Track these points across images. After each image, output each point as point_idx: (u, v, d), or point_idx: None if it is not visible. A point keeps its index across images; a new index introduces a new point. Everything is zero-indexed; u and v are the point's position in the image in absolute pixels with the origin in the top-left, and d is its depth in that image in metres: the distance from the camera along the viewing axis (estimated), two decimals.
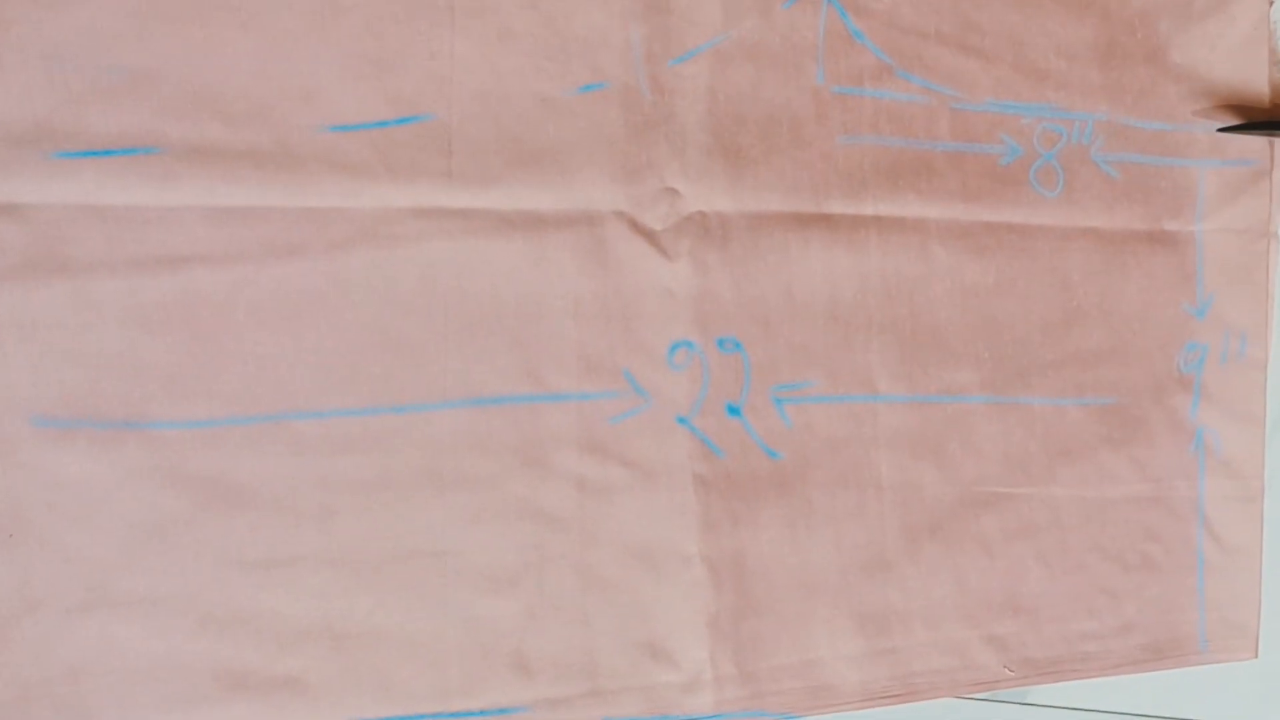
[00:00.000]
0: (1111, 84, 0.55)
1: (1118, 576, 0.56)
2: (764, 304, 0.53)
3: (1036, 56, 0.54)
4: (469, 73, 0.50)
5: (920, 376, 0.54)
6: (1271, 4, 0.57)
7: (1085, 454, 0.56)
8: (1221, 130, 0.55)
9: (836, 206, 0.54)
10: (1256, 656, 0.58)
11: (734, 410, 0.52)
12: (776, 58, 0.53)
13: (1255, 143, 0.56)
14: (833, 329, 0.54)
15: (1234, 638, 0.58)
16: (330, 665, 0.48)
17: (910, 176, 0.53)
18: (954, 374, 0.55)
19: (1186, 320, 0.57)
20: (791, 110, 0.53)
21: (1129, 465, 0.57)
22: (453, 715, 0.50)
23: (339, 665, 0.48)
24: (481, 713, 0.50)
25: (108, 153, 0.46)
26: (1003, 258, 0.55)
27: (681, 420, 0.52)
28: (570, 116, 0.51)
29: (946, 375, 0.55)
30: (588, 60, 0.51)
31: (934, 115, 0.54)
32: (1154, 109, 0.55)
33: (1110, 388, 0.56)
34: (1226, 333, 0.57)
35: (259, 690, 0.48)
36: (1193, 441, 0.57)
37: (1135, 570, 0.56)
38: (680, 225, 0.52)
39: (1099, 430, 0.56)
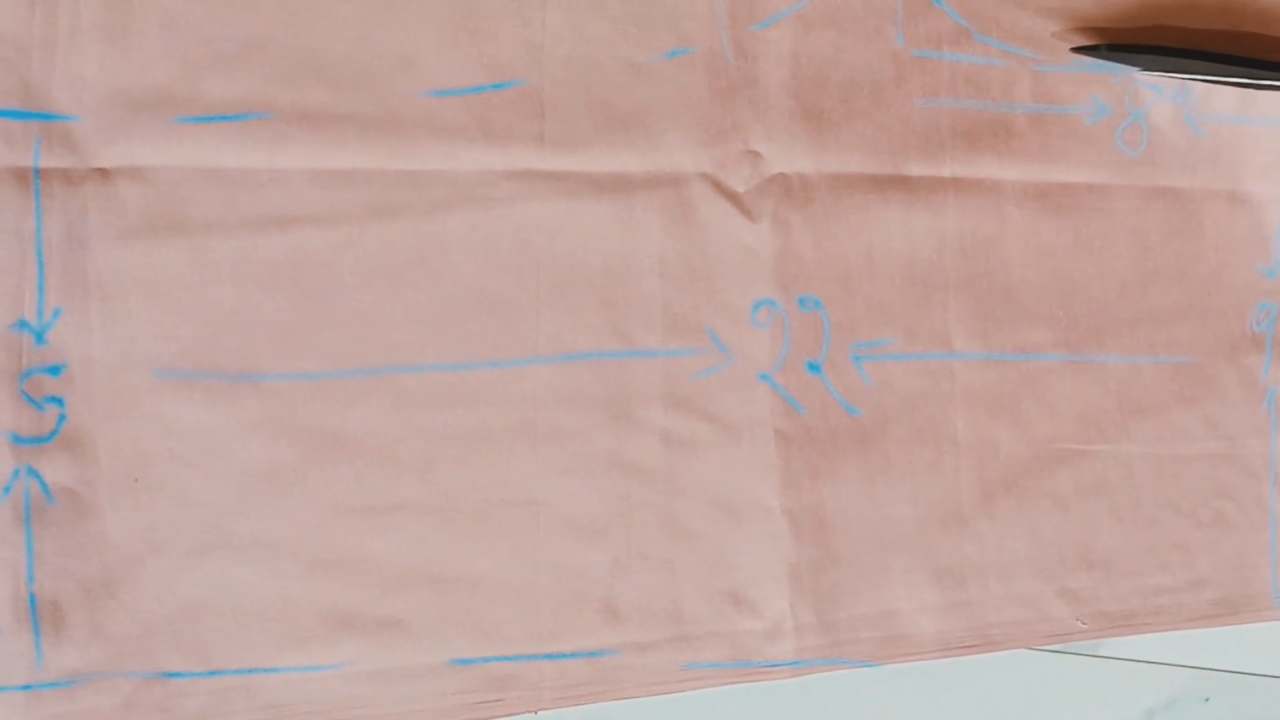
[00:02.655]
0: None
1: (1190, 532, 0.57)
2: (844, 263, 0.54)
3: None
4: (559, 39, 0.52)
5: (996, 335, 0.55)
6: None
7: (1159, 412, 0.56)
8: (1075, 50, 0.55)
9: (915, 168, 0.55)
10: None
11: (814, 367, 0.53)
12: (857, 22, 0.54)
13: None
14: (911, 288, 0.55)
15: None
16: (430, 608, 0.50)
17: (989, 138, 0.54)
18: (1029, 333, 0.55)
19: (1260, 280, 0.57)
20: (871, 74, 0.54)
21: (1202, 423, 0.57)
22: (545, 657, 0.51)
23: (439, 608, 0.50)
24: (572, 655, 0.51)
25: (222, 118, 0.48)
26: (1080, 218, 0.56)
27: (763, 377, 0.53)
28: (656, 81, 0.52)
29: (1022, 334, 0.55)
30: (673, 26, 0.52)
31: (1013, 78, 0.54)
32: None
33: (1184, 346, 0.56)
34: None
35: (365, 630, 0.49)
36: (1265, 400, 0.57)
37: (1208, 526, 0.57)
38: (763, 186, 0.52)
39: (1172, 388, 0.56)
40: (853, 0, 0.53)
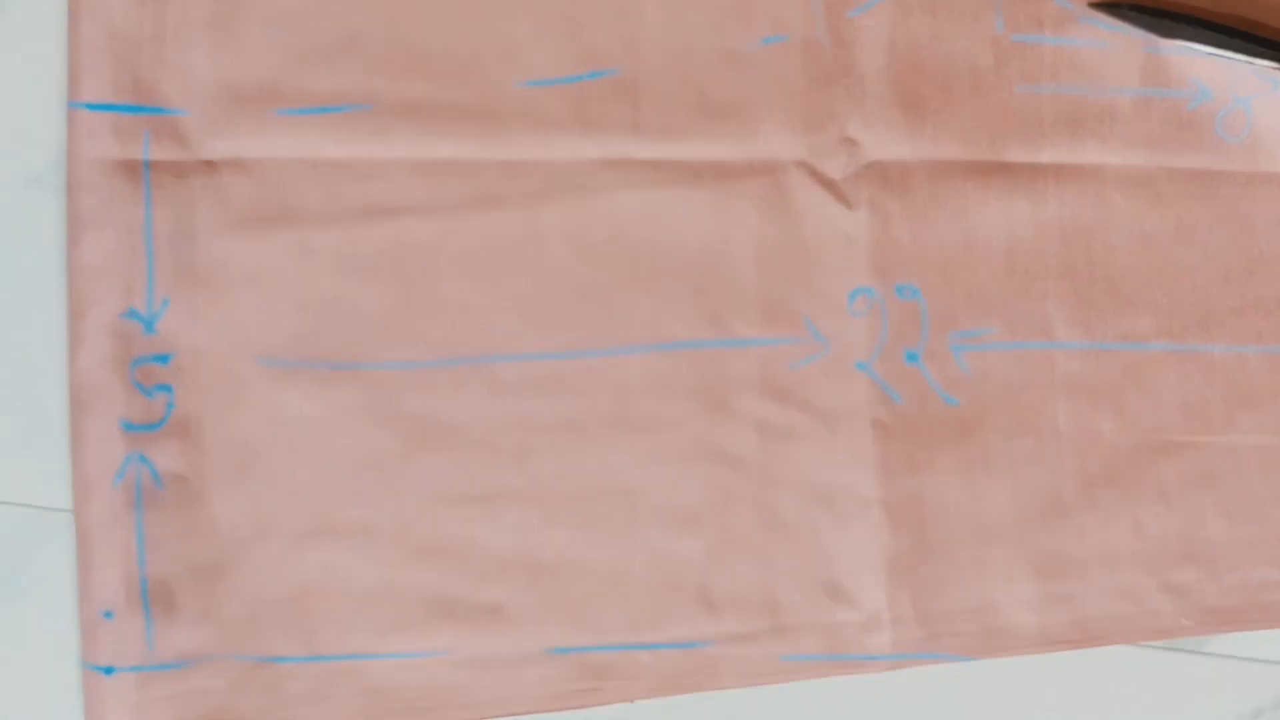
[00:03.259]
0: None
1: None
2: (943, 251, 0.53)
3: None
4: (655, 28, 0.52)
5: (1098, 324, 0.54)
6: None
7: (1266, 402, 0.55)
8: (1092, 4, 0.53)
9: (1014, 155, 0.54)
10: None
11: (912, 357, 0.52)
12: (955, 7, 0.53)
13: None
14: (1010, 276, 0.54)
15: None
16: (528, 596, 0.49)
17: (1091, 124, 0.53)
18: (1132, 321, 0.54)
19: None
20: (970, 60, 0.53)
21: None
22: (642, 647, 0.50)
23: (536, 596, 0.49)
24: (668, 645, 0.50)
25: (325, 110, 0.49)
26: (1183, 205, 0.54)
27: (861, 366, 0.52)
28: (752, 69, 0.52)
29: (1124, 322, 0.54)
30: (769, 13, 0.52)
31: (1123, 60, 0.53)
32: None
33: None
34: None
35: (464, 617, 0.49)
36: None
37: None
38: (860, 174, 0.52)
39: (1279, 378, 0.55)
40: None
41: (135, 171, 0.48)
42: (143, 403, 0.48)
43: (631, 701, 0.50)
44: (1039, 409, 0.54)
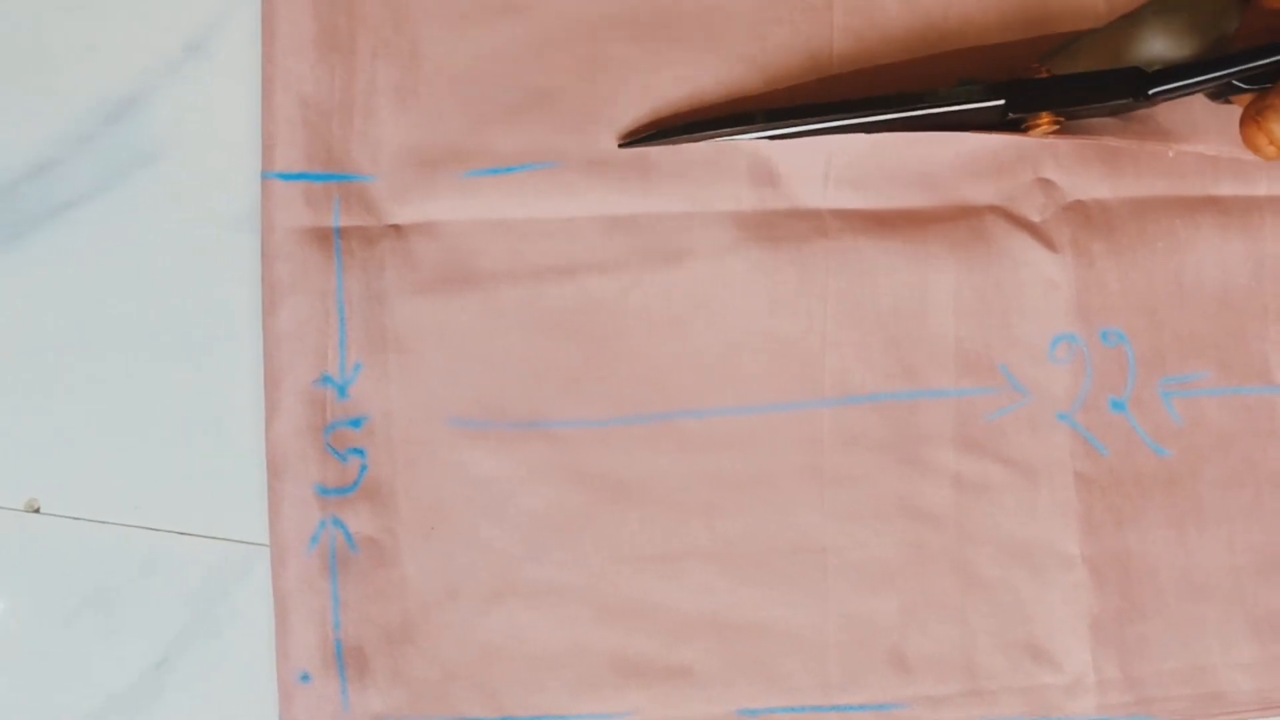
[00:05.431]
0: None
1: None
2: (1150, 293, 0.50)
3: None
4: (841, 83, 0.50)
5: None
6: None
7: None
8: None
9: (1226, 188, 0.51)
10: None
11: (1118, 405, 0.50)
12: None
13: None
14: (1225, 317, 0.51)
15: None
16: (718, 656, 0.48)
17: None
18: None
19: None
20: None
21: None
22: (834, 709, 0.49)
23: (726, 656, 0.48)
24: (861, 708, 0.49)
25: (512, 170, 0.48)
26: None
27: (1062, 417, 0.50)
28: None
29: None
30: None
31: None
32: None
33: None
34: None
35: (653, 679, 0.48)
36: None
37: None
38: (1060, 215, 0.50)
39: None
40: None
41: (327, 238, 0.48)
42: (337, 467, 0.48)
43: None
44: (1257, 458, 0.52)
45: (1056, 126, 0.46)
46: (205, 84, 0.50)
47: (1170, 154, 0.49)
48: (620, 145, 0.49)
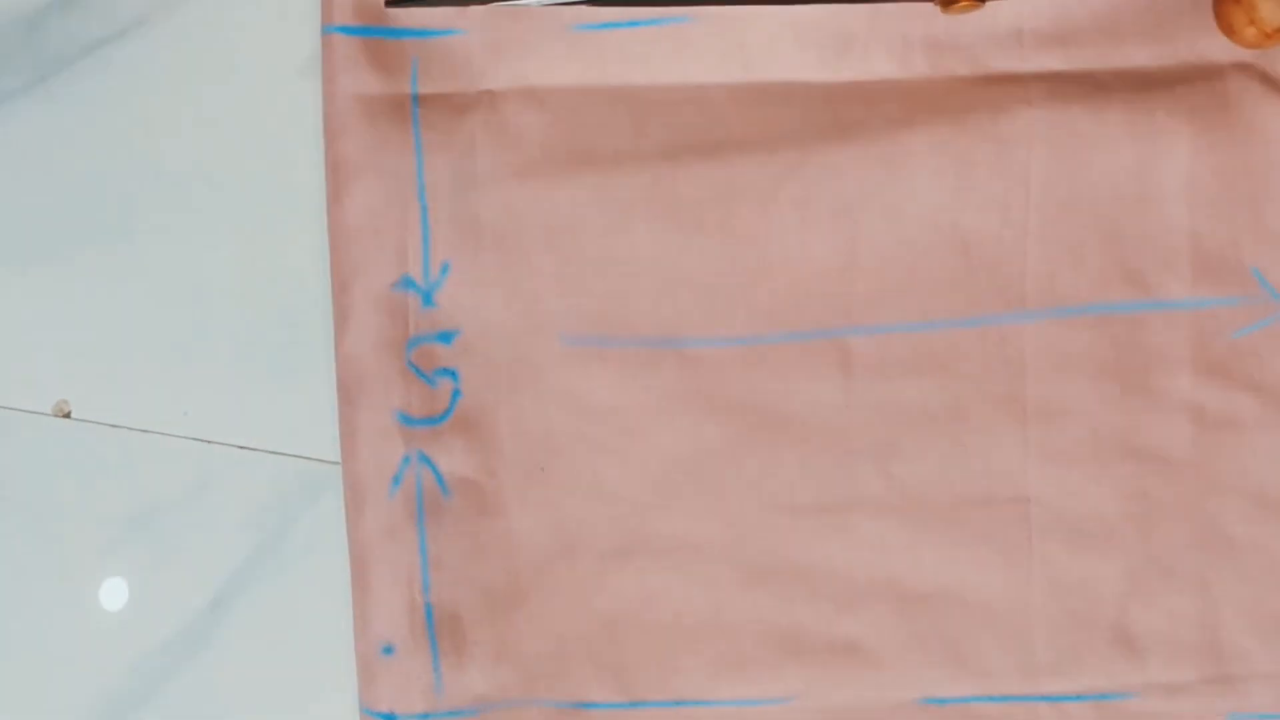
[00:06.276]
0: None
1: None
2: None
3: None
4: None
5: None
6: None
7: None
8: None
9: None
10: None
11: None
12: None
13: None
14: None
15: None
16: (895, 631, 0.45)
17: None
18: None
19: None
20: None
21: None
22: (1043, 699, 0.45)
23: (905, 631, 0.45)
24: (1077, 698, 0.45)
25: (630, 24, 0.44)
26: None
27: None
28: None
29: None
30: None
31: None
32: None
33: None
34: None
35: (815, 657, 0.45)
36: None
37: None
38: None
39: None
40: None
41: (403, 108, 0.44)
42: (423, 391, 0.45)
43: None
44: None
45: None
46: None
47: None
48: (387, 4, 0.44)
